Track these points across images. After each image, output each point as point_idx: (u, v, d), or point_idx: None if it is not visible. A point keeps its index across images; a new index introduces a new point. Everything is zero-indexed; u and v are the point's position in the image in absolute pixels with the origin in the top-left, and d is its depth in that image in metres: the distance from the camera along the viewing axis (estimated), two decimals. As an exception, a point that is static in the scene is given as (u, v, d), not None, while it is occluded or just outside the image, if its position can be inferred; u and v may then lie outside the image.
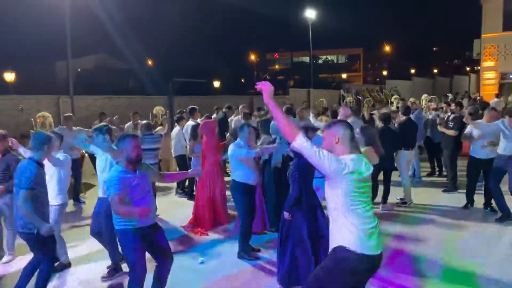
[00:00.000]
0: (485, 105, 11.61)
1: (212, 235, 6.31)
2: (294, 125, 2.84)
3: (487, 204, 7.13)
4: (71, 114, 9.14)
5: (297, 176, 4.30)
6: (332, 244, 2.96)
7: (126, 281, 4.29)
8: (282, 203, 4.81)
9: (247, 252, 5.31)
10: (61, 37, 15.37)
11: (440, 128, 8.35)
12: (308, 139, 2.79)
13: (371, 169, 2.94)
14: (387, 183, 7.43)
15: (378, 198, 7.39)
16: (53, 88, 22.10)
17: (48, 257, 4.28)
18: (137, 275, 3.83)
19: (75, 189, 8.42)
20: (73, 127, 8.43)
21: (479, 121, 7.10)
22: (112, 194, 3.62)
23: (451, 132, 7.95)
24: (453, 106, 9.58)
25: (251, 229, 5.43)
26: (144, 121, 8.03)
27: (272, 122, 6.55)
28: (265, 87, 2.86)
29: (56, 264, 4.85)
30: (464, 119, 7.56)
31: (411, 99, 14.27)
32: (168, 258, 4.04)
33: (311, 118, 9.11)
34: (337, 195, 2.85)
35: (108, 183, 3.71)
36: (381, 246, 2.93)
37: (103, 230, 4.85)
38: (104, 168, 4.82)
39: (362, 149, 5.83)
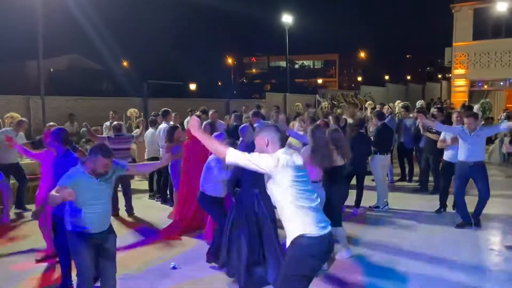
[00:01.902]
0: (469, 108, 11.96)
1: (185, 240, 6.22)
2: (220, 145, 3.22)
3: (455, 205, 7.28)
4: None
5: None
6: (289, 240, 3.11)
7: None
8: None
9: (217, 257, 5.23)
10: (33, 35, 14.96)
11: (423, 133, 8.46)
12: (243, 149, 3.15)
13: (302, 159, 3.23)
14: (360, 187, 7.50)
15: (350, 202, 7.45)
16: (23, 88, 21.44)
17: None
18: (84, 279, 3.71)
19: (18, 195, 7.95)
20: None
21: (436, 121, 7.32)
22: (59, 184, 3.55)
23: (434, 136, 7.99)
24: (435, 111, 9.72)
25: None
26: (115, 122, 8.13)
27: (241, 126, 6.49)
28: (191, 124, 3.20)
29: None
30: (418, 120, 7.74)
31: (390, 104, 14.44)
32: (111, 270, 3.87)
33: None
34: (283, 189, 3.05)
35: (64, 175, 3.67)
36: (329, 225, 3.15)
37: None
38: None
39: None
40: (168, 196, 8.30)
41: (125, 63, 44.96)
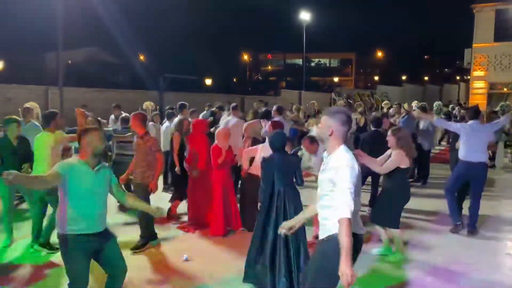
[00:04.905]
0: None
1: (198, 233, 6.26)
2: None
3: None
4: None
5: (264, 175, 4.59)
6: (325, 232, 2.96)
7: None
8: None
9: None
10: (53, 28, 15.16)
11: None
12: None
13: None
14: (375, 187, 7.43)
15: (365, 201, 7.39)
16: (42, 79, 21.75)
17: None
18: None
19: None
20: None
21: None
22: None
23: None
24: (457, 111, 9.60)
25: None
26: (124, 114, 8.25)
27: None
28: None
29: None
30: (416, 114, 7.70)
31: (405, 105, 14.21)
32: (119, 270, 3.60)
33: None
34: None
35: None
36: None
37: None
38: None
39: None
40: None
41: (142, 57, 45.26)
